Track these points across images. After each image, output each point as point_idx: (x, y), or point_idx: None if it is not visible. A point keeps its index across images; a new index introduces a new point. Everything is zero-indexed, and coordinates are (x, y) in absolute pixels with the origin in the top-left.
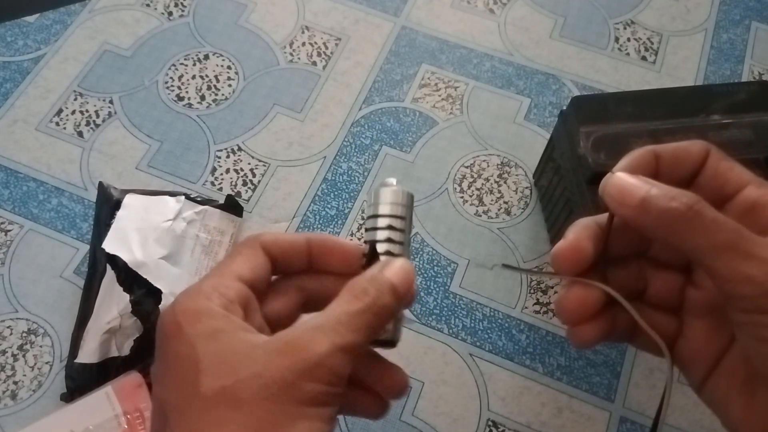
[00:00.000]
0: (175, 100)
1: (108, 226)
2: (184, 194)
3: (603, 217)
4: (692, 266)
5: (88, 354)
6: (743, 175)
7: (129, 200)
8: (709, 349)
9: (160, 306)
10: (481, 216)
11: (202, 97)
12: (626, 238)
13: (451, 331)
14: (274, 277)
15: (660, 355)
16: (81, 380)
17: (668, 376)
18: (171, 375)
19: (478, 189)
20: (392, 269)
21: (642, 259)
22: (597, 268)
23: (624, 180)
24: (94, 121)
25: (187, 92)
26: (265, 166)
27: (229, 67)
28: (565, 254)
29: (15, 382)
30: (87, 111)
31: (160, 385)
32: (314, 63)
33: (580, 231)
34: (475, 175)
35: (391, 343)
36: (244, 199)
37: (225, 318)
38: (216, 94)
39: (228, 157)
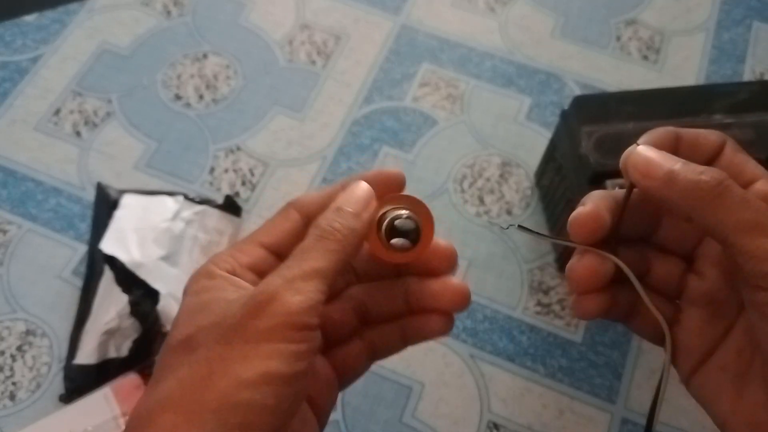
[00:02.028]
0: (173, 100)
1: (106, 226)
2: (183, 194)
3: (618, 193)
4: (695, 255)
5: (87, 355)
6: (756, 170)
7: (127, 200)
8: (703, 339)
9: (158, 307)
10: (481, 216)
11: (201, 97)
12: (636, 219)
13: (451, 332)
14: None
15: (654, 342)
16: (80, 381)
17: (666, 355)
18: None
19: (478, 189)
20: (341, 195)
21: (645, 243)
22: (608, 242)
23: (650, 152)
24: (92, 120)
25: (185, 92)
26: (264, 165)
27: (228, 66)
28: (584, 221)
29: (14, 383)
30: (85, 111)
31: None
32: (314, 62)
33: (599, 201)
34: (476, 175)
35: (411, 233)
36: (242, 199)
37: (219, 279)
38: (215, 94)
39: (227, 156)
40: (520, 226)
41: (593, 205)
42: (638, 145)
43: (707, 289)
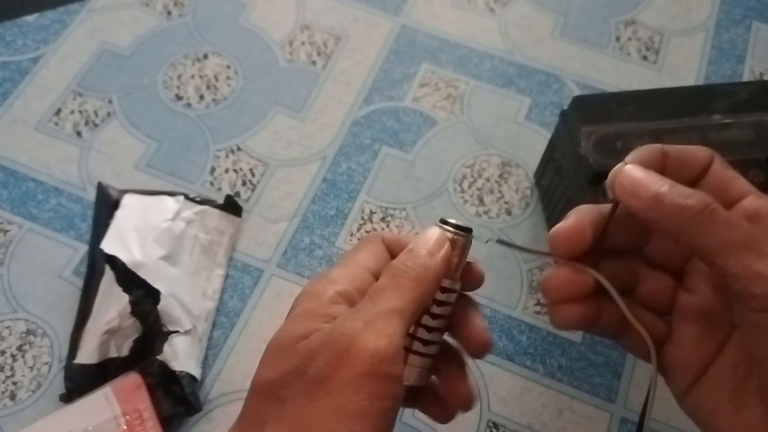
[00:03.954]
0: (174, 100)
1: (107, 226)
2: (183, 194)
3: (605, 207)
4: (685, 270)
5: (88, 354)
6: (744, 186)
7: (128, 200)
8: (697, 355)
9: (159, 307)
10: (481, 216)
11: (201, 97)
12: (625, 232)
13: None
14: None
15: (644, 359)
16: (80, 381)
17: (653, 371)
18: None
19: (478, 189)
20: (414, 239)
21: (636, 256)
22: (590, 256)
23: (637, 172)
24: (93, 120)
25: (186, 92)
26: (264, 166)
27: (228, 67)
28: (564, 235)
29: (14, 383)
30: (86, 111)
31: None
32: (314, 62)
33: (582, 215)
34: (476, 175)
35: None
36: (243, 199)
37: (328, 303)
38: (215, 94)
39: (227, 157)
40: (498, 240)
41: (575, 219)
42: (626, 164)
43: (699, 305)
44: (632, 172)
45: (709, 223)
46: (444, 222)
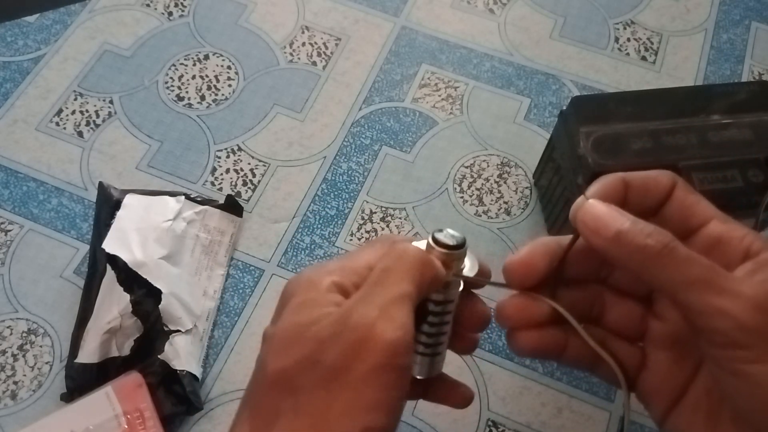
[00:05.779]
0: (175, 100)
1: (108, 226)
2: (184, 194)
3: (565, 239)
4: (653, 297)
5: (89, 354)
6: (708, 210)
7: (129, 200)
8: (672, 382)
9: (160, 306)
10: (481, 216)
11: (202, 97)
12: (587, 261)
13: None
14: None
15: (619, 387)
16: (81, 380)
17: (624, 398)
18: (262, 346)
19: (478, 189)
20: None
21: (601, 284)
22: (548, 285)
23: (599, 208)
24: (94, 121)
25: (187, 92)
26: (265, 166)
27: (229, 67)
28: (515, 267)
29: (15, 382)
30: (87, 111)
31: None
32: (314, 63)
33: (536, 247)
34: (475, 175)
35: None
36: (244, 199)
37: (322, 292)
38: (216, 94)
39: (228, 157)
40: (455, 275)
41: (527, 252)
42: (587, 198)
43: (670, 332)
44: (594, 209)
45: (669, 261)
46: (435, 240)
